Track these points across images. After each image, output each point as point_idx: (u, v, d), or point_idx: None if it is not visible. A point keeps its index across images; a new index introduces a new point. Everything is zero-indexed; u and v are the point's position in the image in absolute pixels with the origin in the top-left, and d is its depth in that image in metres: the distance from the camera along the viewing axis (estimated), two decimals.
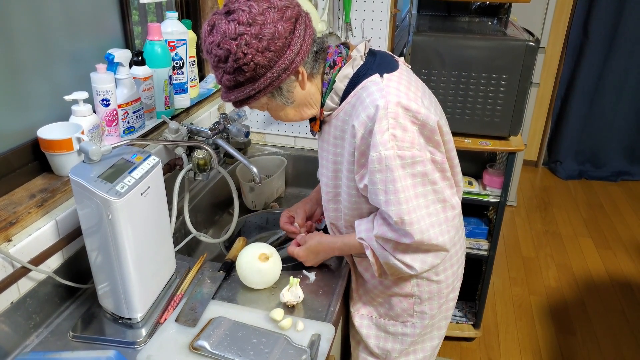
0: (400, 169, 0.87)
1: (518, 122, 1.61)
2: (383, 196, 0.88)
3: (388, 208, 0.88)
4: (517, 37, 1.56)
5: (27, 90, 1.03)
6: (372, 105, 0.86)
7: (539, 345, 2.11)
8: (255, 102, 0.90)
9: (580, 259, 2.67)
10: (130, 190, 0.86)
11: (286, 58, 0.84)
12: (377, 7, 1.50)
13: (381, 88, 0.87)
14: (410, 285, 1.06)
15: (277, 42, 0.82)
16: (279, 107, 0.94)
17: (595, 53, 3.25)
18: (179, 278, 1.09)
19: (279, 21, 0.82)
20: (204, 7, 1.58)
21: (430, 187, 0.90)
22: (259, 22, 0.81)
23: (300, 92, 0.92)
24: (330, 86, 0.94)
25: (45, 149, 0.99)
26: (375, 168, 0.87)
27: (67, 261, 0.99)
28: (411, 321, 1.10)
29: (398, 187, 0.87)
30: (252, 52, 0.81)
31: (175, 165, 1.29)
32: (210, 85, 1.64)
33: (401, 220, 0.88)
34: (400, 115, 0.86)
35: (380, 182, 0.88)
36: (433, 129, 0.89)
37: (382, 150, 0.85)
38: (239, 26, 0.80)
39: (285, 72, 0.85)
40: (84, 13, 1.17)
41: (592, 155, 3.53)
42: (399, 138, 0.86)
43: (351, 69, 0.93)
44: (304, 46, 0.86)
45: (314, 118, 1.00)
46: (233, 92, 0.88)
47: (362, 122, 0.87)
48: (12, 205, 0.92)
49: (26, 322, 0.92)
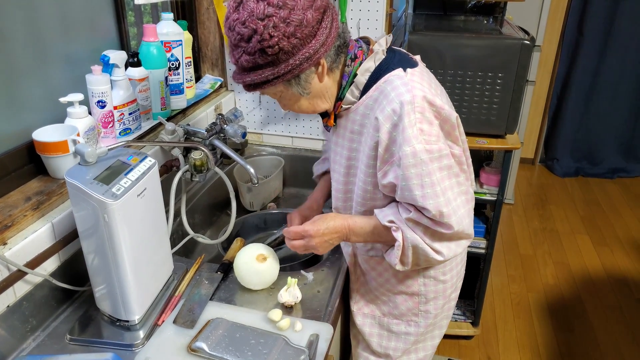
0: (432, 162, 0.87)
1: (514, 120, 1.61)
2: (419, 191, 0.87)
3: (425, 202, 0.87)
4: (513, 36, 1.56)
5: (22, 92, 1.03)
6: (397, 100, 0.86)
7: (538, 342, 2.11)
8: (270, 87, 0.87)
9: (577, 256, 2.68)
10: (126, 192, 0.86)
11: (310, 47, 0.82)
12: (372, 6, 1.49)
13: (406, 82, 0.87)
14: (417, 284, 1.06)
15: (304, 29, 0.81)
16: (293, 97, 0.92)
17: (590, 51, 3.26)
18: (176, 279, 1.08)
19: (309, 9, 0.80)
20: (199, 7, 1.58)
21: (455, 179, 0.91)
22: (288, 5, 0.79)
23: (318, 84, 0.90)
24: (351, 79, 0.93)
25: (41, 152, 0.99)
26: (409, 163, 0.86)
27: (64, 264, 0.98)
28: (415, 320, 1.10)
29: (434, 179, 0.87)
30: (279, 35, 0.79)
31: (172, 166, 1.28)
32: (206, 86, 1.63)
33: (440, 213, 0.87)
34: (427, 109, 0.86)
35: (415, 176, 0.87)
36: (453, 125, 0.90)
37: (415, 144, 0.85)
38: (268, 7, 0.78)
39: (308, 61, 0.83)
40: (79, 14, 1.16)
41: (589, 152, 3.54)
42: (426, 132, 0.86)
43: (373, 62, 0.92)
44: (329, 38, 0.85)
45: (326, 113, 0.99)
46: (249, 74, 0.85)
47: (388, 116, 0.87)
48: (8, 208, 0.92)
49: (23, 326, 0.91)
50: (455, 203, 0.90)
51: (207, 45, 1.64)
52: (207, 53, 1.66)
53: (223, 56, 1.66)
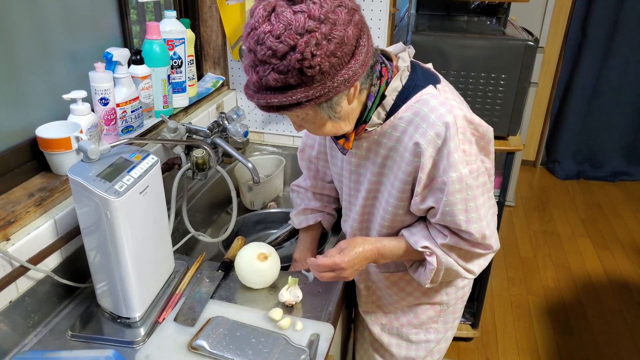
0: (475, 184, 0.85)
1: (517, 122, 1.61)
2: (463, 215, 0.85)
3: (470, 227, 0.85)
4: (516, 37, 1.56)
5: (26, 89, 1.03)
6: (440, 122, 0.80)
7: (537, 345, 2.11)
8: (298, 110, 0.76)
9: (578, 259, 2.68)
10: (129, 190, 0.86)
11: (350, 68, 0.73)
12: (375, 6, 1.49)
13: (442, 102, 0.82)
14: (440, 295, 1.06)
15: (345, 48, 0.71)
16: (319, 120, 0.82)
17: (593, 53, 3.25)
18: (177, 277, 1.09)
19: (349, 24, 0.71)
20: (202, 6, 1.58)
21: (487, 194, 0.90)
22: (330, 20, 0.69)
23: (347, 106, 0.81)
24: (378, 100, 0.85)
25: (44, 148, 0.99)
26: (455, 189, 0.83)
27: (66, 260, 0.99)
28: (434, 327, 1.10)
29: (478, 203, 0.85)
30: (322, 54, 0.69)
31: (173, 164, 1.28)
32: (208, 84, 1.63)
33: (483, 236, 0.87)
34: (467, 129, 0.83)
35: (460, 202, 0.84)
36: (489, 140, 0.87)
37: (462, 169, 0.82)
38: (309, 20, 0.68)
39: (345, 83, 0.74)
40: (83, 12, 1.16)
41: (591, 155, 3.54)
42: (467, 152, 0.83)
43: (399, 81, 0.86)
44: (367, 58, 0.76)
45: (343, 135, 0.90)
46: (275, 94, 0.73)
47: (431, 140, 0.81)
48: (11, 204, 0.92)
49: (25, 321, 0.91)
50: (491, 220, 0.90)
51: (209, 44, 1.65)
52: (209, 51, 1.66)
53: (225, 55, 1.66)
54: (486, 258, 0.93)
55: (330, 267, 0.94)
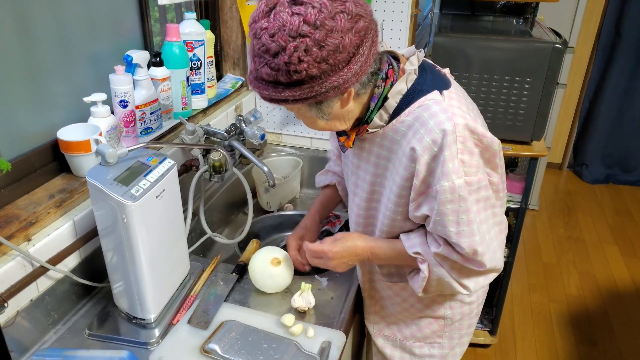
0: (470, 197, 0.81)
1: (541, 127, 1.56)
2: (454, 227, 0.82)
3: (460, 240, 0.83)
4: (543, 39, 1.51)
5: (48, 91, 1.05)
6: (438, 129, 0.78)
7: (558, 354, 2.06)
8: (287, 105, 0.80)
9: (604, 267, 2.59)
10: (145, 194, 0.87)
11: (341, 76, 0.73)
12: (397, 7, 1.47)
13: (445, 108, 0.80)
14: (444, 308, 1.03)
15: (339, 55, 0.71)
16: (310, 117, 0.84)
17: (627, 53, 3.13)
18: (192, 279, 1.10)
19: (348, 32, 0.70)
20: (222, 6, 1.59)
21: (491, 210, 0.86)
22: (327, 27, 0.69)
23: (339, 109, 0.82)
24: (381, 102, 0.85)
25: (64, 150, 1.01)
26: (446, 198, 0.81)
27: (84, 260, 1.01)
28: (439, 342, 1.07)
29: (471, 217, 0.82)
30: (309, 60, 0.70)
31: (191, 166, 1.30)
32: (228, 85, 1.64)
33: (474, 252, 0.83)
34: (468, 138, 0.80)
35: (451, 212, 0.82)
36: (495, 152, 0.83)
37: (455, 179, 0.79)
38: (303, 24, 0.68)
39: (334, 90, 0.74)
40: (104, 14, 1.18)
41: (621, 158, 3.41)
42: (467, 163, 0.80)
43: (405, 84, 0.84)
44: (364, 67, 0.75)
45: (344, 132, 0.92)
46: (268, 88, 0.77)
47: (427, 147, 0.80)
48: (32, 205, 0.94)
49: (45, 319, 0.94)
50: (489, 236, 0.86)
51: (229, 45, 1.65)
52: (229, 52, 1.67)
53: (245, 56, 1.67)
54: (487, 277, 0.90)
55: (319, 253, 0.99)
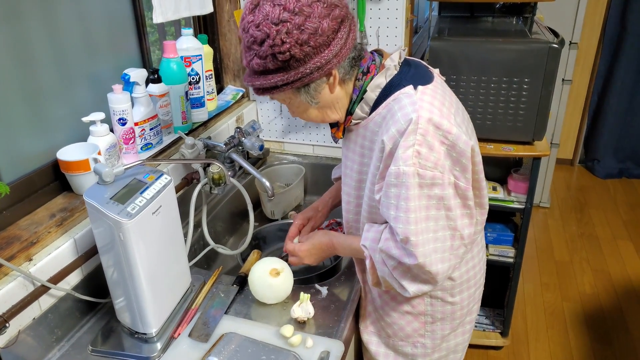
0: (416, 188, 0.83)
1: (542, 126, 1.54)
2: (394, 211, 0.86)
3: (396, 224, 0.86)
4: (540, 39, 1.49)
5: (48, 113, 1.08)
6: (403, 120, 0.83)
7: (572, 355, 2.02)
8: (279, 93, 0.86)
9: (618, 264, 2.54)
10: (141, 211, 0.89)
11: (323, 57, 0.81)
12: (392, 14, 1.47)
13: (414, 101, 0.84)
14: (424, 304, 1.04)
15: (318, 38, 0.79)
16: (301, 105, 0.91)
17: (634, 46, 3.07)
18: (194, 292, 1.11)
19: (325, 18, 0.79)
20: (220, 20, 1.61)
21: (444, 212, 0.87)
22: (305, 13, 0.78)
23: (328, 94, 0.89)
24: (361, 95, 0.91)
25: (65, 170, 1.03)
26: (391, 182, 0.85)
27: (87, 277, 1.03)
28: (421, 342, 1.08)
29: (410, 205, 0.84)
30: (291, 42, 0.78)
31: (192, 179, 1.31)
32: (228, 97, 1.66)
33: (406, 239, 0.85)
34: (430, 133, 0.82)
35: (393, 196, 0.85)
36: (462, 151, 0.84)
37: (402, 165, 0.82)
38: (283, 12, 0.78)
39: (319, 70, 0.82)
40: (101, 35, 1.21)
41: (634, 152, 3.35)
42: (423, 156, 0.82)
43: (384, 78, 0.90)
44: (343, 49, 0.83)
45: (336, 123, 0.99)
46: (259, 78, 0.84)
47: (392, 137, 0.84)
48: (34, 225, 0.97)
49: (49, 336, 0.96)
50: (428, 235, 0.85)
51: (228, 57, 1.67)
52: (229, 64, 1.69)
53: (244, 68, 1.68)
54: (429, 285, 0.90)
55: (292, 252, 1.12)
